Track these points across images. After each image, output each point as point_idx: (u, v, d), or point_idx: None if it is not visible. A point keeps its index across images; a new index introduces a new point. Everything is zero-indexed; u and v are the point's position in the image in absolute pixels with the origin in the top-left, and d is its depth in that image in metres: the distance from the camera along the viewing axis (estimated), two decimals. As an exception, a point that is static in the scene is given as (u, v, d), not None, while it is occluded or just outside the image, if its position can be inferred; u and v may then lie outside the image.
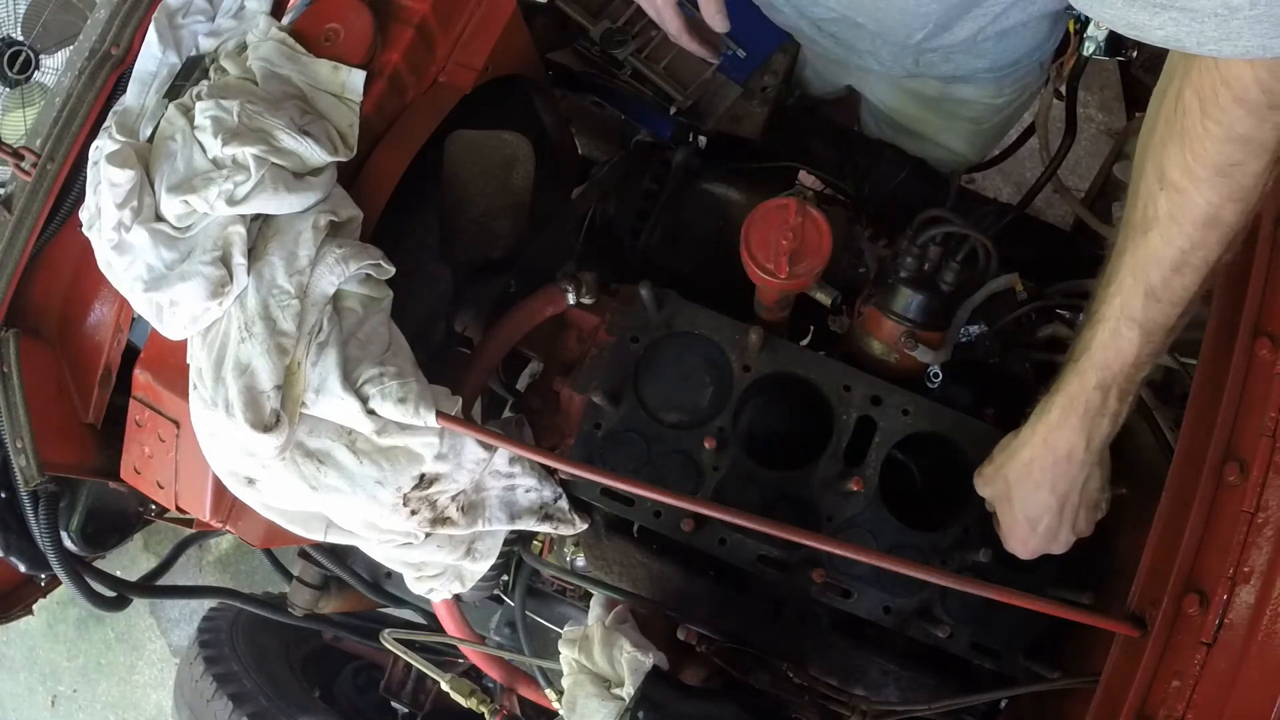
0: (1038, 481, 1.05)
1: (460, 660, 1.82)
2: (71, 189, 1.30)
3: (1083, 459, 1.02)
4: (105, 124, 1.18)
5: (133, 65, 1.24)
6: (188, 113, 1.13)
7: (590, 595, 1.38)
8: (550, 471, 1.26)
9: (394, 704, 2.18)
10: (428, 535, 1.19)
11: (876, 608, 1.24)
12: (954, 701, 1.25)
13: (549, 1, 1.69)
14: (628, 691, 1.16)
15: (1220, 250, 0.89)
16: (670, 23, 1.39)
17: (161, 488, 1.24)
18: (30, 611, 1.79)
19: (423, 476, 1.12)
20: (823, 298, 1.30)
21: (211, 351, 1.07)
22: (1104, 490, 1.08)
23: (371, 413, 1.06)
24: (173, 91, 1.23)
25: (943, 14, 1.28)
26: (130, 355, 1.31)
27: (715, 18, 1.32)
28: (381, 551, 1.22)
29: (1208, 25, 0.76)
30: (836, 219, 1.34)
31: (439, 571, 1.28)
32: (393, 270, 1.14)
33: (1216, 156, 0.84)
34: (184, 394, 1.12)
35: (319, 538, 1.19)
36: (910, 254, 1.23)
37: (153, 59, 1.24)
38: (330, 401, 1.06)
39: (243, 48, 1.23)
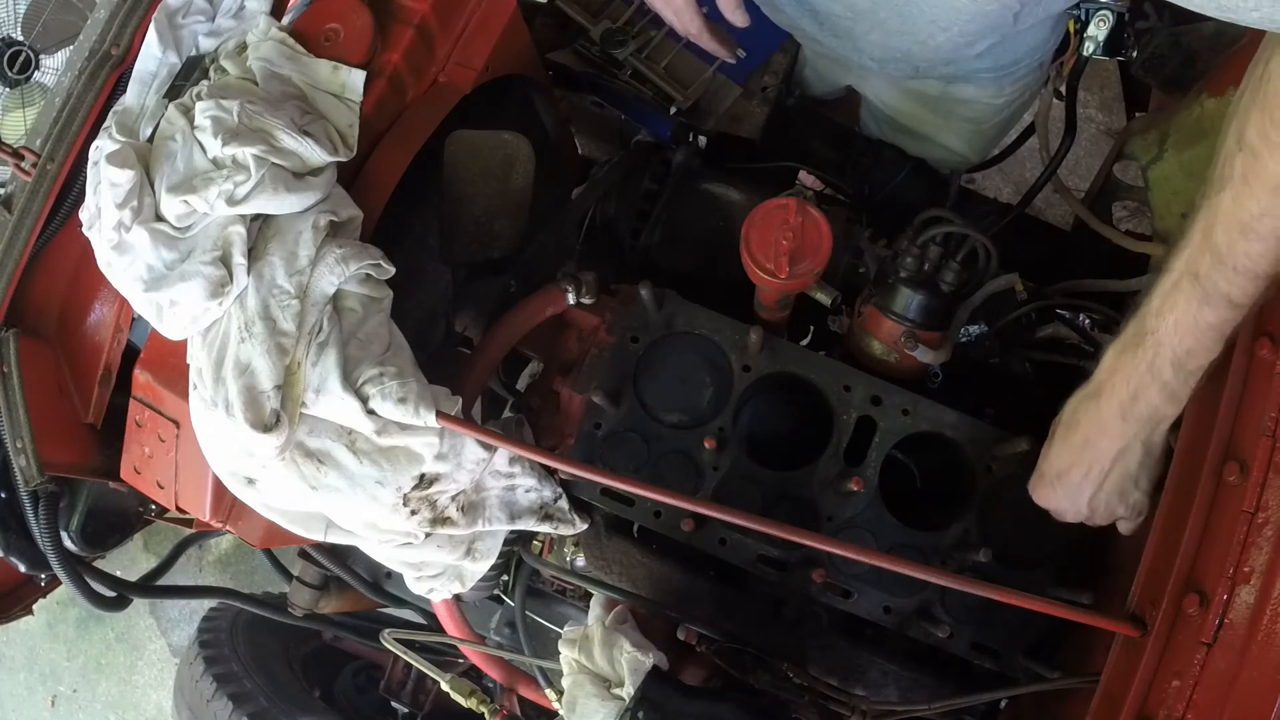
0: (1085, 427, 1.03)
1: (460, 660, 1.82)
2: (71, 189, 1.30)
3: (1127, 417, 0.99)
4: (105, 124, 1.18)
5: (133, 65, 1.24)
6: (188, 113, 1.13)
7: (590, 595, 1.38)
8: (550, 471, 1.26)
9: (394, 704, 2.18)
10: (428, 535, 1.19)
11: (876, 608, 1.24)
12: (954, 701, 1.25)
13: (549, 1, 1.69)
14: (628, 691, 1.16)
15: None
16: (691, 24, 1.38)
17: (161, 488, 1.24)
18: (30, 611, 1.79)
19: (423, 476, 1.12)
20: (823, 298, 1.30)
21: (211, 351, 1.07)
22: (1139, 485, 1.05)
23: (371, 413, 1.06)
24: (173, 91, 1.23)
25: (978, 27, 1.27)
26: (130, 355, 1.31)
27: (735, 14, 1.32)
28: (381, 551, 1.22)
29: None
30: (836, 219, 1.34)
31: (439, 571, 1.28)
32: (393, 270, 1.14)
33: None
34: (184, 394, 1.12)
35: (319, 538, 1.19)
36: (910, 254, 1.23)
37: (153, 59, 1.24)
38: (330, 401, 1.06)
39: (243, 48, 1.23)
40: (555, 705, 1.41)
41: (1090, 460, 1.04)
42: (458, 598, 1.43)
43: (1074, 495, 1.06)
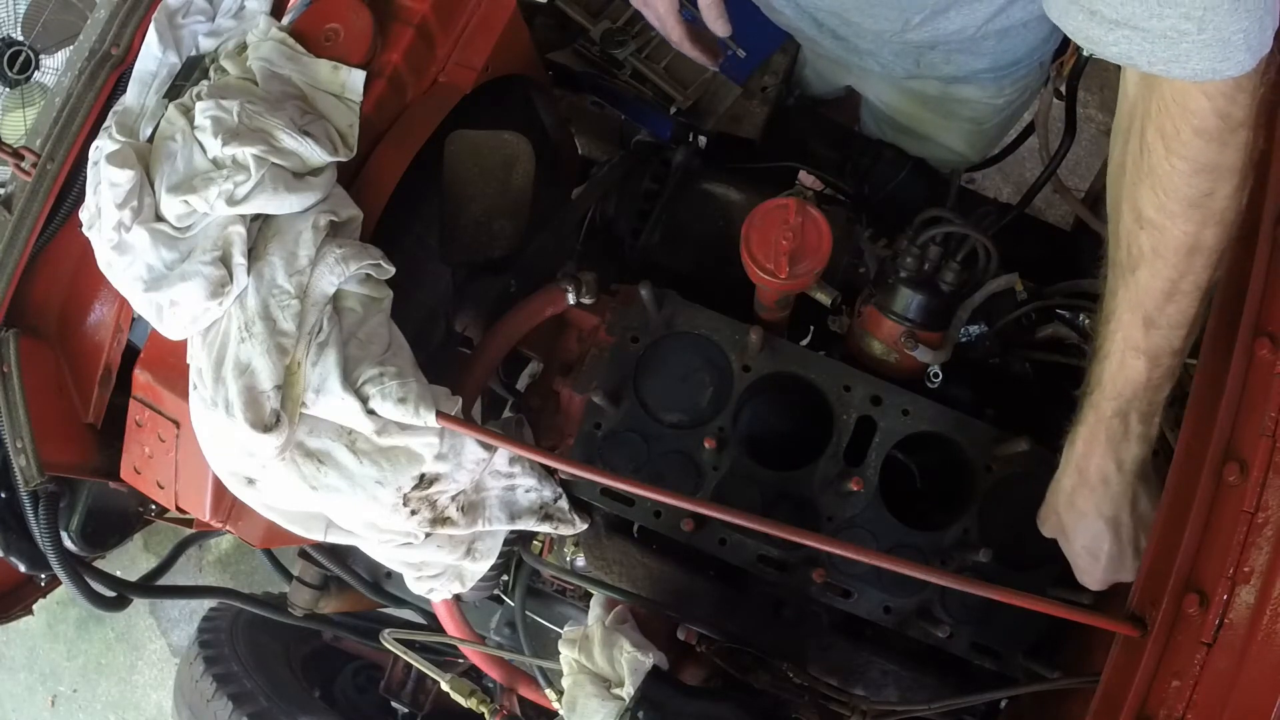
0: (1083, 510, 1.06)
1: (460, 660, 1.82)
2: (71, 189, 1.30)
3: (1119, 481, 1.03)
4: (105, 124, 1.18)
5: (133, 65, 1.24)
6: (188, 113, 1.13)
7: (590, 595, 1.38)
8: (550, 471, 1.26)
9: (394, 704, 2.18)
10: (428, 535, 1.19)
11: (876, 608, 1.24)
12: (954, 701, 1.25)
13: (549, 1, 1.69)
14: (628, 691, 1.16)
15: (1208, 272, 0.92)
16: (673, 30, 1.38)
17: (161, 488, 1.24)
18: (30, 611, 1.79)
19: (423, 476, 1.12)
20: (823, 298, 1.30)
21: (211, 351, 1.07)
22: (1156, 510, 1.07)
23: (371, 413, 1.06)
24: (173, 91, 1.23)
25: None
26: (130, 355, 1.31)
27: (717, 22, 1.32)
28: (381, 551, 1.22)
29: (1158, 45, 0.77)
30: (836, 219, 1.34)
31: (439, 571, 1.28)
32: (393, 270, 1.14)
33: (1187, 190, 0.86)
34: (184, 394, 1.12)
35: (319, 538, 1.19)
36: (910, 254, 1.23)
37: (153, 59, 1.24)
38: (330, 401, 1.06)
39: (243, 48, 1.23)
40: (555, 705, 1.41)
41: (1113, 528, 1.06)
42: (458, 598, 1.43)
43: (1120, 563, 1.08)
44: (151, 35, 1.23)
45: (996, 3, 1.28)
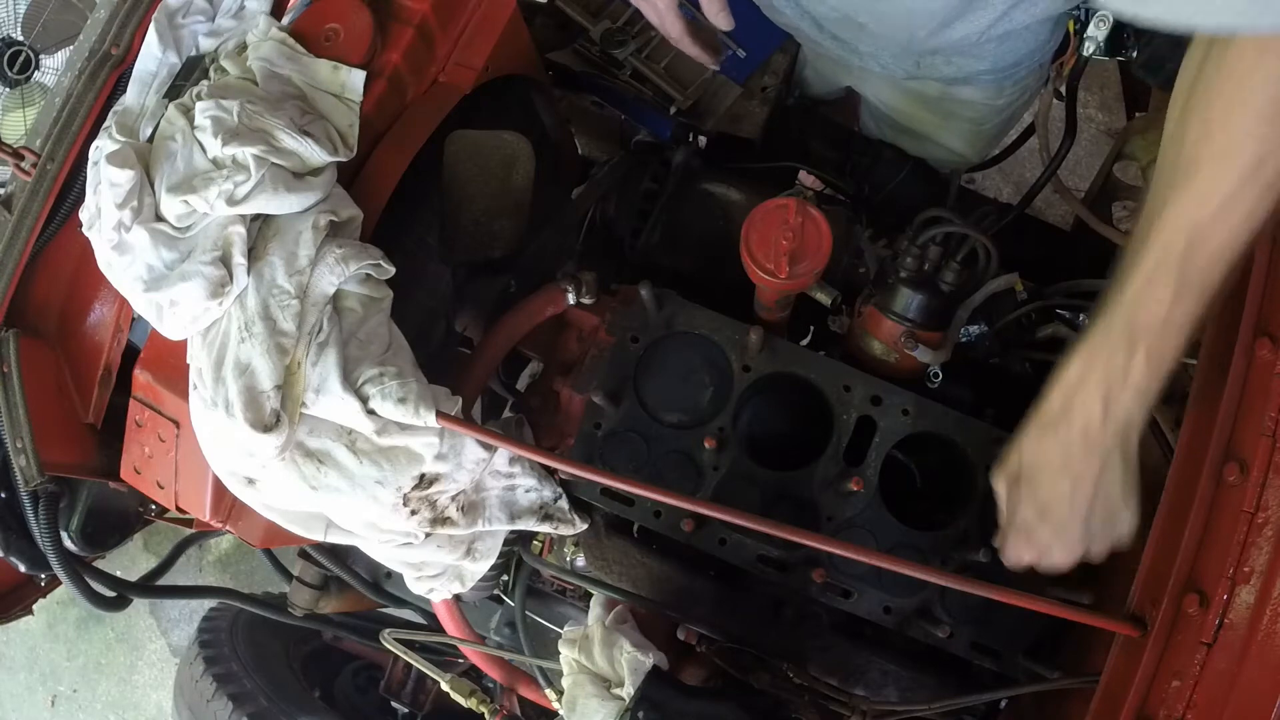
0: (1052, 458, 0.98)
1: (460, 660, 1.82)
2: (71, 189, 1.30)
3: (1100, 431, 0.94)
4: (105, 124, 1.18)
5: (133, 65, 1.24)
6: (188, 113, 1.13)
7: (590, 595, 1.38)
8: (550, 471, 1.26)
9: (394, 704, 2.18)
10: (428, 535, 1.19)
11: (876, 608, 1.24)
12: (954, 701, 1.25)
13: (549, 1, 1.69)
14: (628, 691, 1.16)
15: (1259, 206, 0.83)
16: (672, 27, 1.38)
17: (161, 488, 1.24)
18: (30, 611, 1.79)
19: (423, 476, 1.12)
20: (823, 298, 1.30)
21: (211, 351, 1.07)
22: (1127, 502, 0.99)
23: (371, 413, 1.06)
24: (173, 91, 1.23)
25: (946, 10, 1.27)
26: (130, 355, 1.31)
27: (719, 16, 1.32)
28: (381, 551, 1.22)
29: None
30: (836, 219, 1.34)
31: (439, 571, 1.28)
32: (393, 270, 1.14)
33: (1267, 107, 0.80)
34: (184, 394, 1.12)
35: (319, 538, 1.19)
36: (910, 254, 1.23)
37: (153, 59, 1.24)
38: (330, 401, 1.06)
39: (243, 48, 1.23)
40: (555, 705, 1.41)
41: (1072, 488, 0.98)
42: (458, 598, 1.43)
43: (1063, 533, 1.01)
44: (151, 35, 1.23)
45: (999, 9, 1.28)
